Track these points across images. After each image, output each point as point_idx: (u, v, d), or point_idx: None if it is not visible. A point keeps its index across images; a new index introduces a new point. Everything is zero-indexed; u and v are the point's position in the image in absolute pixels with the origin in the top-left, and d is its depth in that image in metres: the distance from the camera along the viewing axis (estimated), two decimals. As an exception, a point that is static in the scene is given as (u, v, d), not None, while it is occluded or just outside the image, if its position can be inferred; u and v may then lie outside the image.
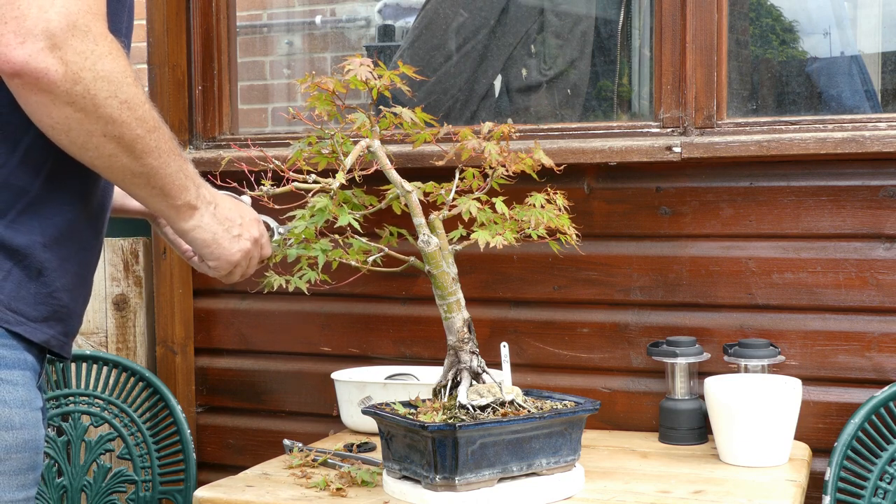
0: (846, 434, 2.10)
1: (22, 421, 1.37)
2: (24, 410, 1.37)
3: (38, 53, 1.23)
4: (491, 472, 1.70)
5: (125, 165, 1.35)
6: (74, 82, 1.25)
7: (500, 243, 1.74)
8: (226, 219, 1.52)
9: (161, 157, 1.37)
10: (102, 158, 1.33)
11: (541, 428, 1.74)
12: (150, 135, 1.35)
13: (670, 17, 2.27)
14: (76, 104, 1.27)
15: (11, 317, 1.36)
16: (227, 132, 2.68)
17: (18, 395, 1.36)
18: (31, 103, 1.27)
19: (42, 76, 1.24)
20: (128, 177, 1.37)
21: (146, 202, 1.44)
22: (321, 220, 1.69)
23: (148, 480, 2.49)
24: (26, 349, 1.39)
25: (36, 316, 1.39)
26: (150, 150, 1.35)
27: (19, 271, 1.36)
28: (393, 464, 1.79)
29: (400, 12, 3.91)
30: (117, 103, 1.29)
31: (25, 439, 1.38)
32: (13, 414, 1.35)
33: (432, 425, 1.66)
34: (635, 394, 2.33)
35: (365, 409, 1.82)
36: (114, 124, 1.30)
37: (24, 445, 1.38)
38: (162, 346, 2.69)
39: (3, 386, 1.35)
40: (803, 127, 2.19)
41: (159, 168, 1.38)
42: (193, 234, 1.50)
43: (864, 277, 2.17)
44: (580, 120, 2.91)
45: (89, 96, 1.27)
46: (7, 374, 1.35)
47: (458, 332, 1.77)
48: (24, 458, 1.38)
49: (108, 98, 1.28)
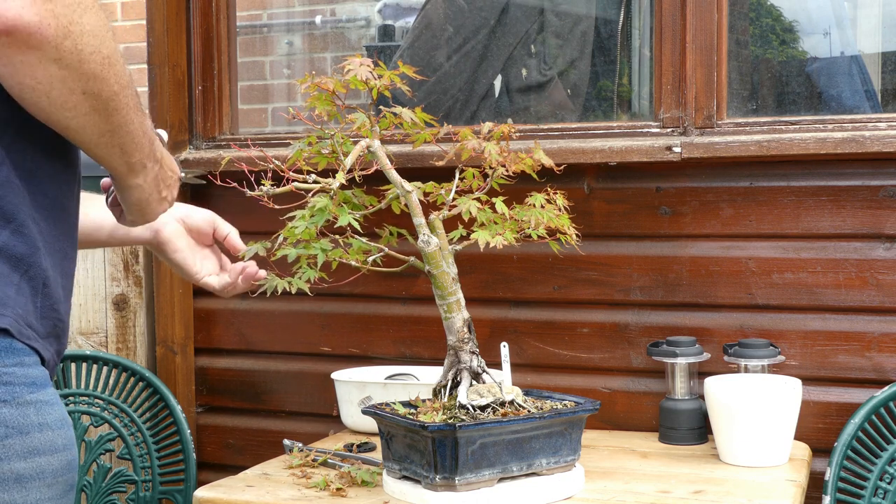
0: (846, 434, 2.10)
1: (64, 442, 1.32)
2: (64, 430, 1.33)
3: (29, 6, 1.14)
4: (491, 472, 1.70)
5: (96, 123, 1.28)
6: (64, 37, 1.18)
7: (500, 243, 1.74)
8: (161, 180, 1.46)
9: (129, 114, 1.31)
10: (78, 118, 1.26)
11: (541, 428, 1.74)
12: (124, 91, 1.28)
13: (670, 17, 2.27)
14: (62, 60, 1.19)
15: (30, 332, 1.29)
16: (227, 132, 2.68)
17: (57, 415, 1.31)
18: (14, 64, 1.18)
19: (35, 31, 1.15)
20: (95, 136, 1.30)
21: (101, 160, 1.36)
22: (321, 220, 1.69)
23: (148, 480, 2.49)
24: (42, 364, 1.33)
25: (42, 332, 1.33)
26: (121, 106, 1.29)
27: (27, 283, 1.29)
28: (393, 464, 1.79)
29: (400, 12, 3.91)
30: (100, 58, 1.23)
31: (69, 460, 1.33)
32: (56, 437, 1.30)
33: (432, 425, 1.66)
34: (635, 394, 2.33)
35: (365, 409, 1.82)
36: (94, 80, 1.23)
37: (68, 466, 1.34)
38: (162, 346, 2.69)
39: (44, 408, 1.29)
40: (803, 127, 2.19)
41: (125, 125, 1.32)
42: (131, 193, 1.43)
43: (864, 277, 2.17)
44: (580, 120, 2.91)
45: (76, 51, 1.20)
46: (43, 395, 1.29)
47: (458, 332, 1.77)
48: (67, 480, 1.34)
49: (92, 54, 1.22)
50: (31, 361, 1.29)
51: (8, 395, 1.24)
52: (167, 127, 2.62)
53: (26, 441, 1.27)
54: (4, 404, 1.24)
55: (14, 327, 1.26)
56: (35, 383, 1.29)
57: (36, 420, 1.28)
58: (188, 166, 2.59)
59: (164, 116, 2.63)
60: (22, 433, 1.26)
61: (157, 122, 2.64)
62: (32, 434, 1.27)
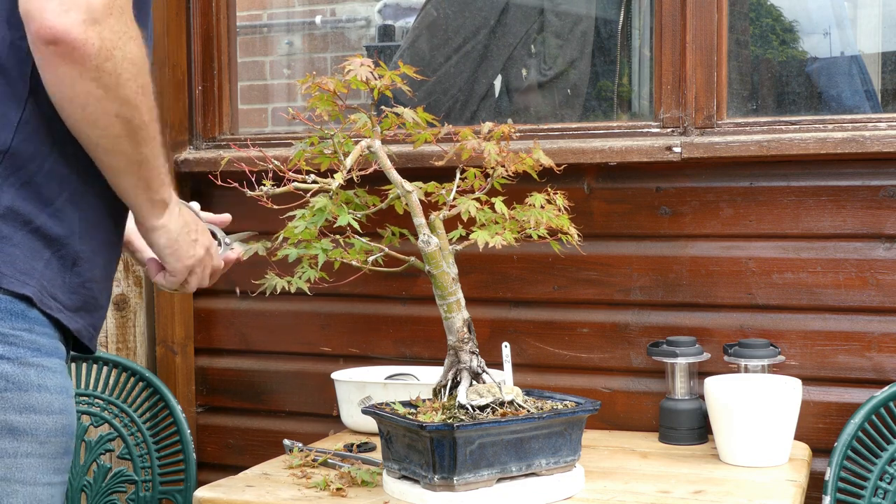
0: (846, 434, 2.10)
1: (61, 406, 1.41)
2: (63, 397, 1.42)
3: (80, 24, 1.26)
4: (490, 472, 1.70)
5: (125, 150, 1.38)
6: (106, 59, 1.29)
7: (500, 243, 1.74)
8: (186, 222, 1.55)
9: (155, 148, 1.42)
10: (108, 139, 1.36)
11: (540, 428, 1.74)
12: (153, 124, 1.40)
13: (670, 17, 2.27)
14: (101, 80, 1.30)
15: (54, 304, 1.40)
16: (227, 132, 2.68)
17: (58, 382, 1.41)
18: (57, 73, 1.29)
19: (79, 46, 1.27)
20: (123, 163, 1.40)
21: (127, 193, 1.45)
22: (321, 220, 1.69)
23: (148, 480, 2.49)
24: (60, 339, 1.43)
25: (70, 305, 1.43)
26: (149, 138, 1.40)
27: (57, 260, 1.40)
28: (392, 464, 1.79)
29: (400, 12, 3.91)
30: (136, 86, 1.34)
31: (64, 424, 1.42)
32: (53, 399, 1.40)
33: (430, 425, 1.66)
34: (635, 394, 2.33)
35: (365, 408, 1.82)
36: (128, 106, 1.34)
37: (63, 430, 1.42)
38: (162, 346, 2.69)
39: (45, 372, 1.39)
40: (803, 127, 2.19)
41: (151, 159, 1.42)
42: (159, 233, 1.51)
43: (864, 277, 2.17)
44: (580, 120, 2.91)
45: (115, 74, 1.31)
46: (47, 362, 1.39)
47: (458, 332, 1.77)
48: (61, 443, 1.43)
49: (129, 80, 1.32)
50: (44, 331, 1.39)
51: (11, 354, 1.35)
52: (167, 127, 2.62)
53: (24, 397, 1.37)
54: (7, 361, 1.35)
55: (36, 296, 1.37)
56: (40, 350, 1.39)
57: (36, 381, 1.38)
58: (188, 166, 2.59)
59: (165, 116, 2.63)
60: (21, 389, 1.36)
61: (157, 122, 2.64)
62: (31, 392, 1.37)
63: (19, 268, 1.36)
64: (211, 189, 2.62)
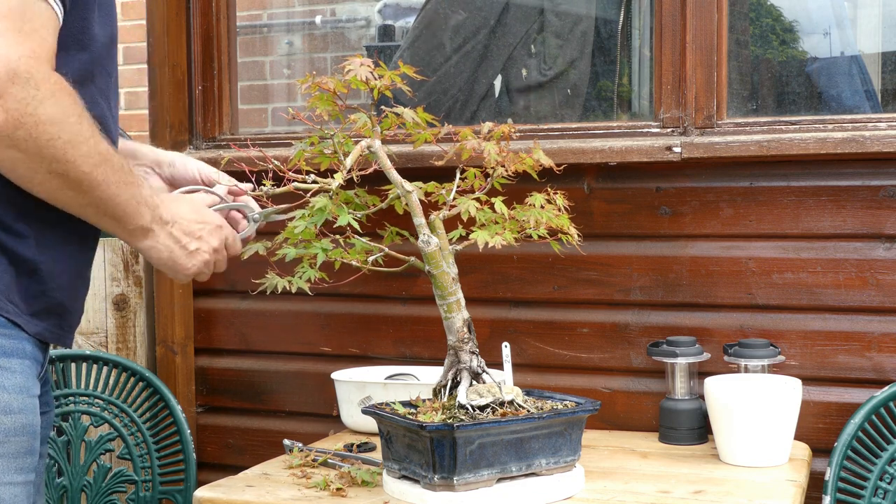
0: (846, 434, 2.10)
1: (20, 406, 1.42)
2: (22, 396, 1.42)
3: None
4: (489, 472, 1.70)
5: (73, 198, 1.40)
6: (15, 127, 1.30)
7: (499, 243, 1.74)
8: (183, 235, 1.56)
9: (109, 189, 1.42)
10: (50, 192, 1.39)
11: (540, 428, 1.74)
12: (97, 169, 1.39)
13: (670, 17, 2.27)
14: (18, 146, 1.31)
15: (11, 307, 1.41)
16: (227, 132, 2.68)
17: (16, 382, 1.42)
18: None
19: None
20: (76, 207, 1.43)
21: (100, 226, 1.49)
22: (321, 220, 1.69)
23: (148, 480, 2.49)
24: (26, 339, 1.44)
25: (29, 310, 1.44)
26: (96, 183, 1.40)
27: (13, 268, 1.41)
28: (392, 464, 1.79)
29: (400, 12, 3.91)
30: (60, 143, 1.34)
31: (23, 423, 1.43)
32: (11, 399, 1.41)
33: (430, 425, 1.65)
34: (635, 394, 2.33)
35: (365, 408, 1.82)
36: (57, 163, 1.35)
37: (23, 429, 1.43)
38: (162, 346, 2.69)
39: (2, 373, 1.40)
40: (803, 127, 2.19)
41: (109, 199, 1.43)
42: (149, 254, 1.54)
43: (864, 277, 2.17)
44: (580, 120, 2.91)
45: (31, 139, 1.31)
46: (5, 362, 1.41)
47: (458, 332, 1.77)
48: (21, 442, 1.43)
49: (50, 140, 1.33)
50: (6, 332, 1.41)
51: None
52: (167, 127, 2.63)
53: None
54: None
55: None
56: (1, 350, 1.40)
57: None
58: (188, 166, 2.58)
59: (165, 116, 2.63)
60: None
61: (158, 123, 2.65)
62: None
63: None
64: (211, 189, 2.63)
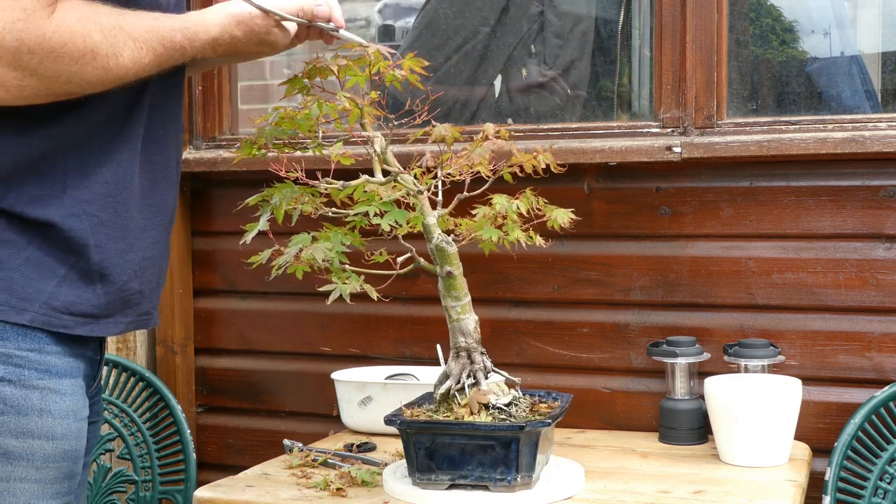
0: (846, 434, 2.10)
1: (64, 431, 1.36)
2: (68, 421, 1.37)
3: None
4: (541, 467, 1.76)
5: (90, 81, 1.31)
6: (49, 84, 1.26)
7: (524, 239, 1.75)
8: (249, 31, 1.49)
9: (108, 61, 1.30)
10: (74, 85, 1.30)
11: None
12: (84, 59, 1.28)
13: (670, 17, 2.27)
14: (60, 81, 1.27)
15: (70, 320, 1.34)
16: (227, 132, 2.68)
17: (65, 406, 1.36)
18: None
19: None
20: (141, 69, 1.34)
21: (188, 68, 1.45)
22: (403, 218, 1.68)
23: (148, 480, 2.49)
24: (79, 354, 1.38)
25: (103, 313, 1.38)
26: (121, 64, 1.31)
27: (76, 274, 1.34)
28: (438, 475, 1.74)
29: (400, 12, 3.90)
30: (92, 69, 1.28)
31: (66, 450, 1.37)
32: (56, 424, 1.35)
33: (532, 423, 1.68)
34: (635, 394, 2.33)
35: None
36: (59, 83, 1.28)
37: (64, 455, 1.37)
38: (162, 346, 2.69)
39: (50, 396, 1.34)
40: (803, 127, 2.19)
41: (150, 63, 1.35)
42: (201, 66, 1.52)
43: (864, 277, 2.17)
44: (580, 120, 2.90)
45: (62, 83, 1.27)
46: (55, 384, 1.35)
47: (472, 333, 1.77)
48: (62, 468, 1.38)
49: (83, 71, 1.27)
50: (56, 350, 1.33)
51: (13, 376, 1.30)
52: (167, 127, 2.62)
53: (22, 422, 1.32)
54: (8, 384, 1.30)
55: (39, 321, 1.31)
56: (50, 371, 1.33)
57: (38, 405, 1.33)
58: (188, 166, 2.58)
59: (164, 116, 2.63)
60: (20, 413, 1.31)
61: (157, 122, 2.64)
62: (30, 417, 1.32)
63: (17, 294, 1.30)
64: (210, 189, 2.63)
